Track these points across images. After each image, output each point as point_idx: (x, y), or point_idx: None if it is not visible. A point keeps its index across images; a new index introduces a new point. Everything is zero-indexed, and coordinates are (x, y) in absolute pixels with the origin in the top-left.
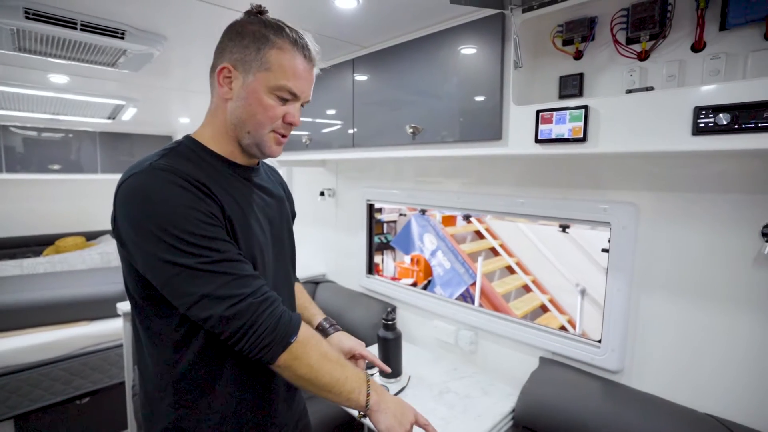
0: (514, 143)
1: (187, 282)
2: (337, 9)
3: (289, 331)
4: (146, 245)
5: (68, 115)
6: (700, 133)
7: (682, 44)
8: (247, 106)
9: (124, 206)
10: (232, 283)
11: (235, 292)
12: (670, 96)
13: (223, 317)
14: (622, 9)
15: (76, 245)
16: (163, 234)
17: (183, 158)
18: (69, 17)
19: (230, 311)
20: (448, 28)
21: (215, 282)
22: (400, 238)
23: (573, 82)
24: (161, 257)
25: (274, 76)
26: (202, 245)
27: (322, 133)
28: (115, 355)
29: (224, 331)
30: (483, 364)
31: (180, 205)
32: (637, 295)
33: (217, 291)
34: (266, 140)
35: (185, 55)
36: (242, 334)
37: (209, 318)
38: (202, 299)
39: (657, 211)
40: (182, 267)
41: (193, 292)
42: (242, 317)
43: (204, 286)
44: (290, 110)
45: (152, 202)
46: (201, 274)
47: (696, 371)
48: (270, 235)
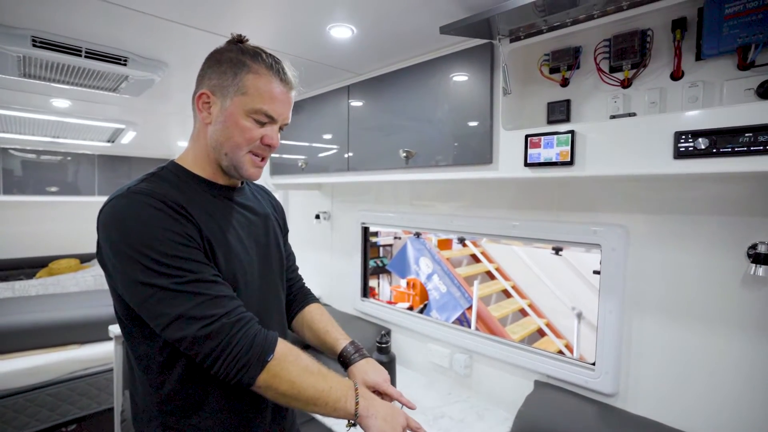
0: (504, 167)
1: (161, 303)
2: (333, 38)
3: (266, 349)
4: (123, 267)
5: (68, 138)
6: (681, 157)
7: (662, 73)
8: (224, 129)
9: (104, 230)
10: (206, 303)
11: (208, 312)
12: (651, 122)
13: (197, 338)
14: (605, 39)
15: (70, 267)
16: (139, 256)
17: (163, 182)
18: (74, 45)
19: (203, 332)
20: (440, 57)
21: (189, 302)
22: (396, 262)
23: (560, 108)
24: (137, 279)
25: (251, 99)
26: (175, 266)
27: (318, 157)
28: (104, 380)
29: (199, 353)
30: (478, 387)
31: (155, 226)
32: (629, 316)
33: (190, 311)
34: (243, 162)
35: (185, 81)
36: (217, 355)
37: (183, 339)
38: (176, 320)
39: (646, 233)
40: (156, 288)
41: (167, 313)
42: (216, 338)
43: (177, 306)
44: (268, 132)
45: (128, 224)
46: (174, 295)
47: (689, 393)
48: (255, 253)
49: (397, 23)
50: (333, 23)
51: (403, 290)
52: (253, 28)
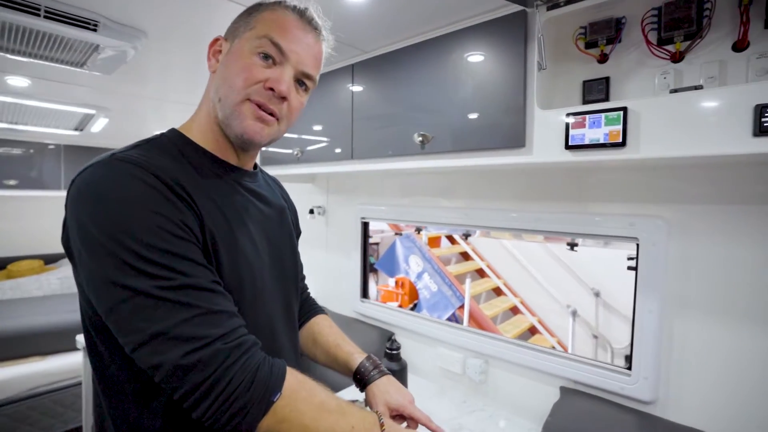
0: (540, 151)
1: (135, 313)
2: (343, 3)
3: (271, 386)
4: (92, 258)
5: (28, 125)
6: (764, 134)
7: (721, 44)
8: (224, 70)
9: (73, 206)
10: (197, 319)
11: (200, 332)
12: (724, 95)
13: (179, 367)
14: (653, 8)
15: (32, 269)
16: (114, 245)
17: (160, 151)
18: (30, 1)
19: (189, 359)
20: (463, 29)
21: (174, 316)
22: (384, 261)
23: (598, 86)
24: (107, 276)
25: (257, 31)
26: (161, 263)
27: (316, 146)
28: (71, 396)
29: (178, 388)
30: (495, 395)
31: (141, 207)
32: (671, 316)
33: (174, 329)
34: (240, 111)
35: (164, 58)
36: (204, 392)
37: (160, 366)
38: (152, 339)
39: (690, 226)
40: (131, 291)
41: (142, 328)
42: (205, 369)
43: (157, 320)
44: (273, 75)
45: (105, 202)
46: (155, 303)
47: (739, 399)
48: (267, 253)
49: None
50: None
51: (391, 289)
52: None
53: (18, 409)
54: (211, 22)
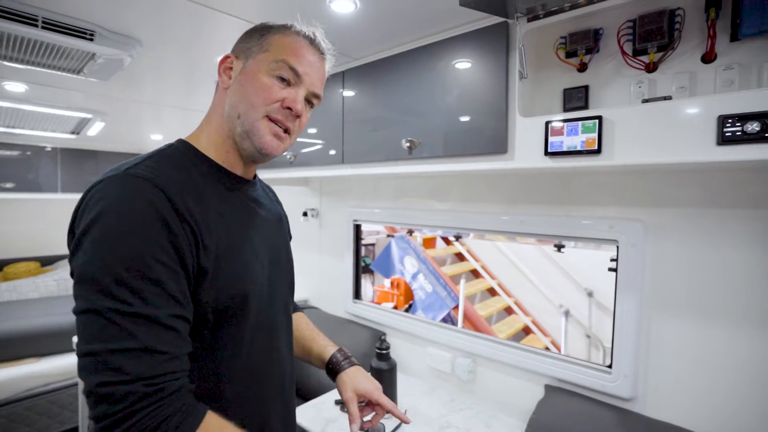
0: (521, 157)
1: (86, 326)
2: (332, 14)
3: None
4: (77, 263)
5: (26, 129)
6: (726, 143)
7: (692, 55)
8: (240, 88)
9: (86, 213)
10: (131, 353)
11: (126, 367)
12: (690, 105)
13: (93, 393)
14: (629, 20)
15: (29, 272)
16: (95, 261)
17: (171, 164)
18: (28, 12)
19: (104, 389)
20: (449, 38)
21: (112, 342)
22: (380, 262)
23: (578, 94)
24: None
25: (273, 54)
26: (131, 287)
27: (308, 150)
28: (68, 397)
29: (90, 409)
30: (482, 393)
31: (134, 231)
32: (648, 316)
33: (105, 355)
34: (258, 127)
35: (160, 64)
36: (106, 427)
37: (83, 381)
38: (86, 355)
39: (666, 228)
40: (89, 306)
41: (85, 341)
42: (114, 405)
43: (96, 341)
44: (290, 95)
45: (104, 219)
46: (104, 325)
47: (715, 396)
48: (268, 260)
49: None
50: None
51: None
52: None
53: (15, 410)
54: (203, 30)
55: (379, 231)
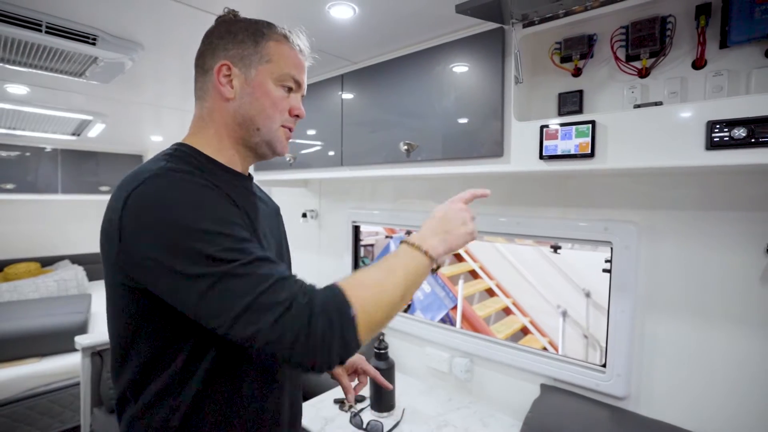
0: (516, 160)
1: (223, 293)
2: (331, 19)
3: (343, 307)
4: (172, 259)
5: (27, 131)
6: (714, 148)
7: (683, 62)
8: (254, 102)
9: (141, 217)
10: (276, 286)
11: (280, 296)
12: (680, 111)
13: (275, 325)
14: (622, 27)
15: (29, 272)
16: (194, 241)
17: (187, 164)
18: (32, 18)
19: (279, 322)
20: (446, 43)
21: (257, 287)
22: None
23: (573, 98)
24: (189, 270)
25: (278, 66)
26: (236, 247)
27: (308, 152)
28: (69, 396)
29: (277, 341)
30: (479, 393)
31: (208, 205)
32: (642, 316)
33: (260, 298)
34: (278, 135)
35: (160, 67)
36: (303, 343)
37: (256, 334)
38: (245, 312)
39: (658, 230)
40: (216, 277)
41: (232, 306)
42: (298, 318)
43: (244, 294)
44: (294, 103)
45: (177, 206)
46: (238, 282)
47: (707, 395)
48: (275, 251)
49: (404, 2)
50: (333, 1)
51: None
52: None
53: (16, 409)
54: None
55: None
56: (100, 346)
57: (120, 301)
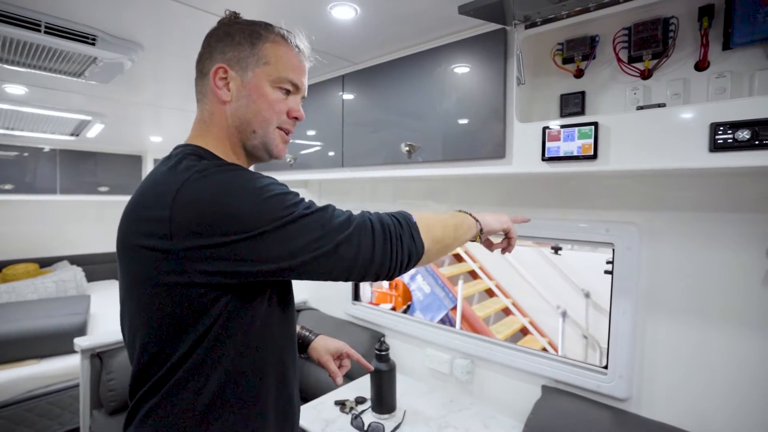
0: (518, 161)
1: (306, 227)
2: (333, 20)
3: (409, 219)
4: (253, 223)
5: (25, 131)
6: (718, 150)
7: (685, 63)
8: (251, 104)
9: (200, 216)
10: (334, 213)
11: (341, 218)
12: (683, 112)
13: (376, 234)
14: (624, 28)
15: (28, 273)
16: (271, 198)
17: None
18: (32, 18)
19: (351, 227)
20: (447, 44)
21: (323, 216)
22: None
23: (575, 100)
24: (278, 215)
25: (275, 68)
26: (295, 201)
27: (308, 153)
28: (68, 398)
29: (380, 254)
30: (480, 394)
31: (255, 178)
32: (643, 317)
33: (330, 221)
34: (274, 138)
35: (160, 67)
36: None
37: (360, 252)
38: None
39: (660, 232)
40: (301, 220)
41: (315, 235)
42: (382, 230)
43: (319, 222)
44: (293, 104)
45: (231, 190)
46: (307, 219)
47: (709, 396)
48: None
49: (404, 2)
50: (335, 2)
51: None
52: (243, 4)
53: (15, 411)
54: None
55: None
56: (99, 348)
57: (156, 300)
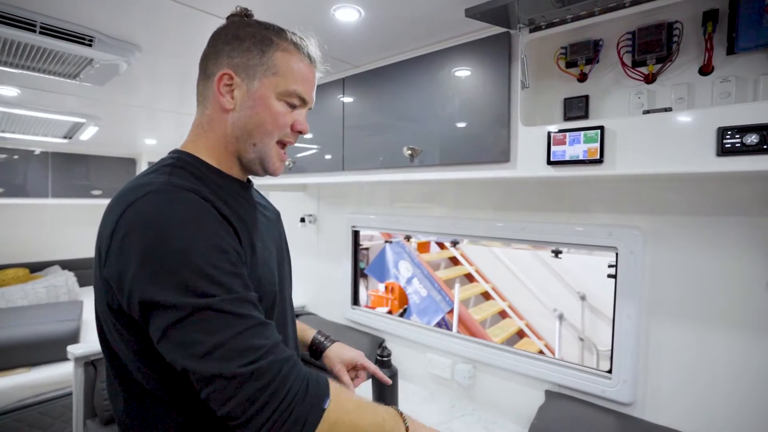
0: (523, 166)
1: (196, 327)
2: (336, 22)
3: (321, 394)
4: (152, 281)
5: (16, 133)
6: (726, 154)
7: (689, 68)
8: (254, 115)
9: (134, 233)
10: (251, 331)
11: (255, 342)
12: (690, 117)
13: (236, 376)
14: (628, 32)
15: (18, 278)
16: (180, 267)
17: (191, 175)
18: (26, 17)
19: (247, 369)
20: (450, 47)
21: (231, 328)
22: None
23: (578, 104)
24: (166, 298)
25: (284, 80)
26: (221, 282)
27: (307, 156)
28: (60, 407)
29: (233, 397)
30: (483, 399)
31: (202, 231)
32: (647, 321)
33: (232, 340)
34: (271, 154)
35: (156, 69)
36: (264, 402)
37: (216, 377)
38: (212, 351)
39: (663, 235)
40: (193, 307)
41: (201, 341)
42: (261, 378)
43: (217, 332)
44: (299, 117)
45: (170, 228)
46: (216, 317)
47: (711, 399)
48: (275, 258)
49: (411, 5)
50: (339, 3)
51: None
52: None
53: (5, 421)
54: (202, 36)
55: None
56: (93, 356)
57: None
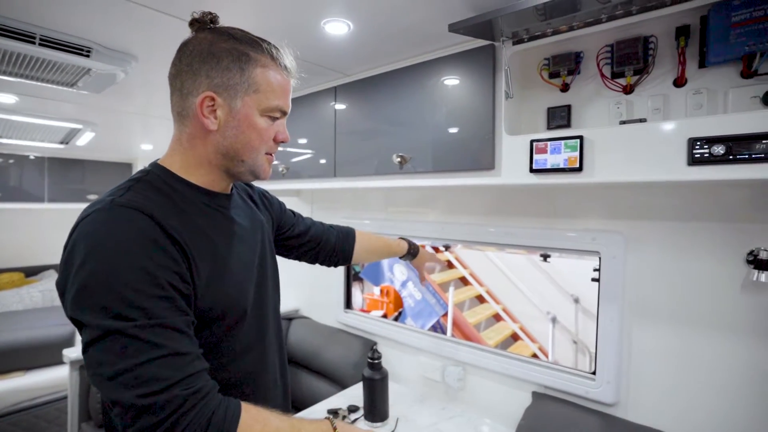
0: (507, 173)
1: (108, 350)
2: (326, 35)
3: (225, 429)
4: (78, 299)
5: (13, 139)
6: (696, 164)
7: (665, 79)
8: (240, 135)
9: (74, 250)
10: (162, 360)
11: (161, 374)
12: (663, 127)
13: (133, 407)
14: (607, 45)
15: (13, 282)
16: (101, 289)
17: (154, 190)
18: (26, 30)
19: (145, 401)
20: (437, 58)
21: (142, 354)
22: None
23: (561, 113)
24: (89, 317)
25: (265, 97)
26: (143, 307)
27: (300, 163)
28: (55, 411)
29: (129, 426)
30: (472, 401)
31: (134, 254)
32: (629, 324)
33: (138, 368)
34: (262, 164)
35: (152, 78)
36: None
37: (116, 403)
38: (116, 376)
39: (644, 240)
40: (108, 330)
41: (109, 363)
42: (159, 412)
43: (125, 357)
44: (279, 128)
45: (101, 249)
46: (125, 341)
47: (691, 400)
48: (255, 266)
49: (397, 20)
50: (329, 17)
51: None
52: (239, 22)
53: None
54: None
55: None
56: None
57: None
